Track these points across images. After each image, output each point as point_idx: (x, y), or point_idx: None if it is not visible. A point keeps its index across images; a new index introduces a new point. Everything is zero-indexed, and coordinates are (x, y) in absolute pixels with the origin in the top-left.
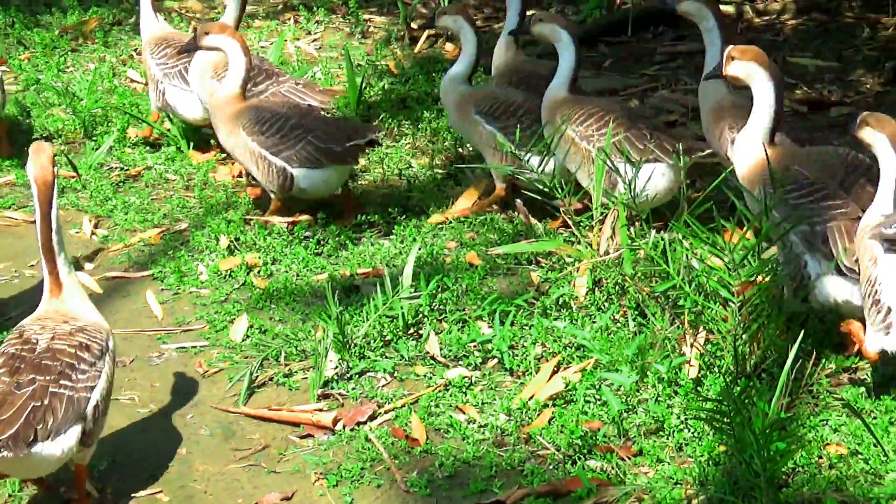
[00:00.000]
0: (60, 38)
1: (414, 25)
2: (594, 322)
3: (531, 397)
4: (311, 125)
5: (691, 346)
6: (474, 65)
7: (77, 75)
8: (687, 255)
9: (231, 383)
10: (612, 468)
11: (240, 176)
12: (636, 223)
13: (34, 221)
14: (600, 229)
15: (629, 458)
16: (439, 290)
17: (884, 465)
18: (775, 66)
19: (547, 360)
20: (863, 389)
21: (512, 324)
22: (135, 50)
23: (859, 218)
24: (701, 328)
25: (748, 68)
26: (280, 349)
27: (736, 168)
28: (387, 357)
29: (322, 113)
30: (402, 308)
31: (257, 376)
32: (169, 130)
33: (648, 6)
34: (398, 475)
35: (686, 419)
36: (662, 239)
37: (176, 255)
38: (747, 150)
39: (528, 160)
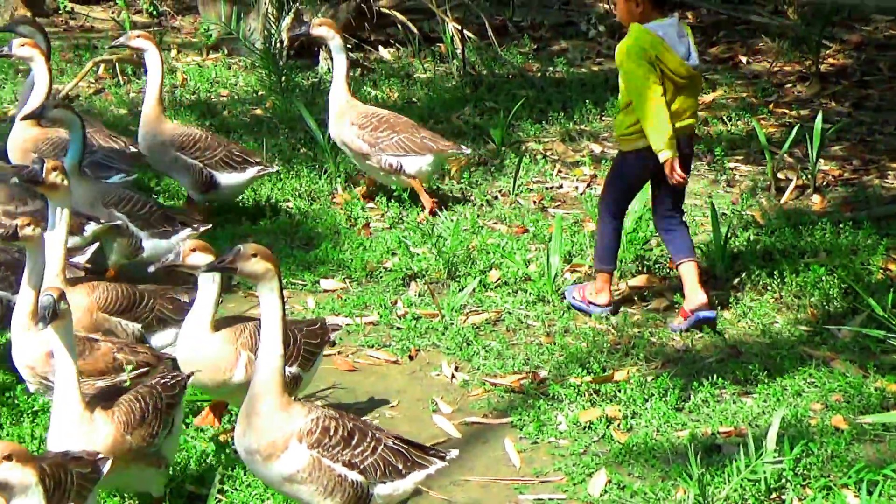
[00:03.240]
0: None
1: (780, 175)
2: None
3: None
4: None
5: None
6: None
7: (441, 216)
8: None
9: None
10: None
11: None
12: None
13: (395, 361)
14: None
15: None
16: (803, 454)
17: None
18: None
19: None
20: None
21: (880, 494)
22: (500, 191)
23: None
24: None
25: None
26: None
27: None
28: None
29: None
30: (764, 472)
31: None
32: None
33: None
34: None
35: None
36: None
37: (535, 403)
38: None
39: None
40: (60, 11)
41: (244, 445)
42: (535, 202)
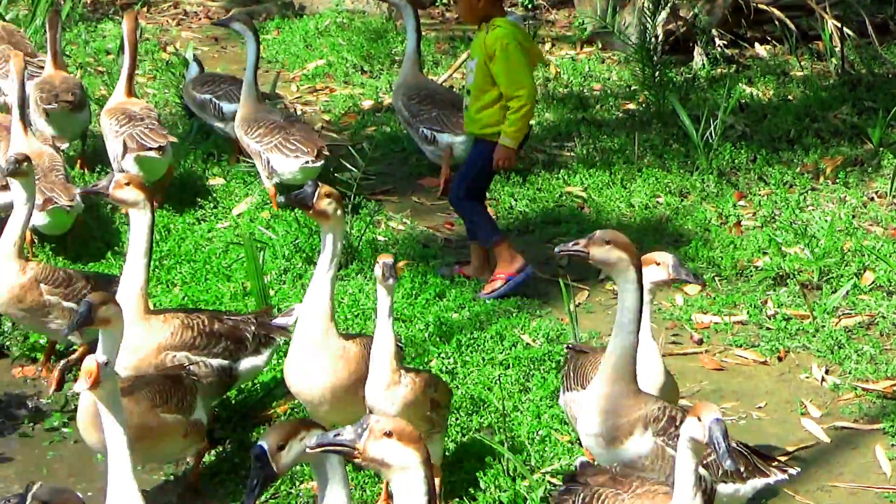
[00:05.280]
0: (801, 176)
1: None
2: None
3: None
4: None
5: None
6: None
7: (815, 215)
8: None
9: None
10: None
11: None
12: None
13: (763, 362)
14: None
15: None
16: None
17: None
18: None
19: None
20: None
21: None
22: (876, 192)
23: None
24: None
25: None
26: None
27: None
28: None
29: None
30: None
31: None
32: None
33: None
34: None
35: None
36: None
37: None
38: None
39: None
40: (437, 3)
41: (587, 428)
42: None
